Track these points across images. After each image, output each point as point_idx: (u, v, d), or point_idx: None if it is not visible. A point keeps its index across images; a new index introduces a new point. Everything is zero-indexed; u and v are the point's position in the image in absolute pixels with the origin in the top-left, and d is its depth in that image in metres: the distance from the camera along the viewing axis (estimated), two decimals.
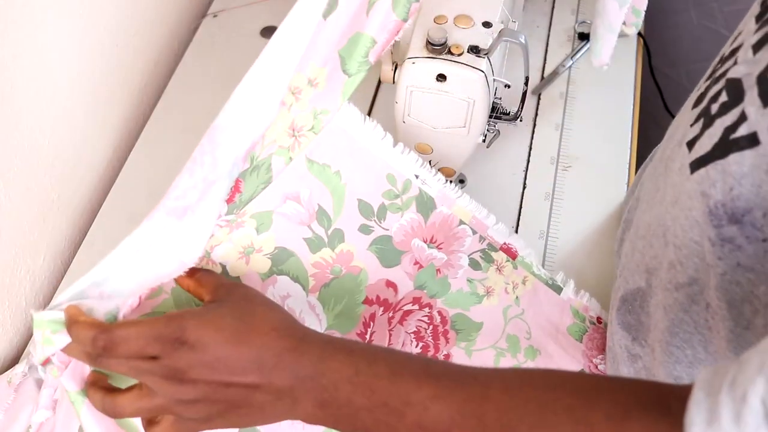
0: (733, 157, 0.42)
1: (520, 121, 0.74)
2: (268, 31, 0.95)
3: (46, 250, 0.76)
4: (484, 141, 0.75)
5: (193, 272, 0.54)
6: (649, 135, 0.81)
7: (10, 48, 0.65)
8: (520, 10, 0.86)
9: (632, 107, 0.88)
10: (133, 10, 0.84)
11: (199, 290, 0.53)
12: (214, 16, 0.97)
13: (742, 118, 0.42)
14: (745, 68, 0.43)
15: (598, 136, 0.85)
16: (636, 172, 0.82)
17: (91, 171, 0.83)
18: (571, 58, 0.91)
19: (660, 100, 1.06)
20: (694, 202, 0.46)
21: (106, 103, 0.83)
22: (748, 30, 0.45)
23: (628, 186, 0.81)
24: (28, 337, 0.73)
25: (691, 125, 0.48)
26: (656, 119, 1.05)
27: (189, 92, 0.90)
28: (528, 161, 0.83)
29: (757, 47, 0.43)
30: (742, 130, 0.42)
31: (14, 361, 0.71)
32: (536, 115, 0.87)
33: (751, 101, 0.41)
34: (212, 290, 0.51)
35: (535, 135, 0.85)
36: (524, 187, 0.81)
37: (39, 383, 0.65)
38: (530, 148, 0.84)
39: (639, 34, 0.94)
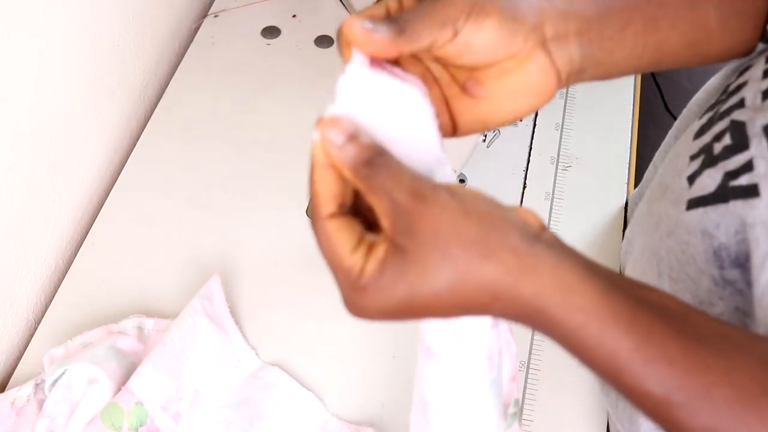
0: (735, 204, 0.42)
1: (520, 120, 0.74)
2: (268, 31, 0.95)
3: (47, 250, 0.76)
4: (484, 141, 0.75)
5: (360, 165, 0.34)
6: (649, 135, 0.81)
7: (11, 48, 0.65)
8: None
9: (632, 107, 0.88)
10: (133, 10, 0.84)
11: (371, 201, 0.35)
12: (215, 16, 0.97)
13: (748, 167, 0.42)
14: (752, 113, 0.43)
15: (598, 136, 0.85)
16: (636, 173, 0.83)
17: (92, 171, 0.83)
18: None
19: (660, 100, 1.06)
20: (692, 238, 0.46)
21: (107, 103, 0.83)
22: (757, 68, 0.45)
23: (628, 186, 0.81)
24: (30, 336, 0.73)
25: (692, 157, 0.48)
26: (656, 119, 1.05)
27: (190, 92, 0.90)
28: (528, 161, 0.83)
29: (767, 95, 0.42)
30: (744, 180, 0.42)
31: (16, 361, 0.71)
32: (536, 115, 0.87)
33: (762, 154, 0.41)
34: (389, 216, 0.34)
35: (535, 135, 0.86)
36: (524, 187, 0.81)
37: (42, 406, 0.64)
38: (530, 148, 0.84)
39: None
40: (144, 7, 0.86)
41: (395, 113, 0.37)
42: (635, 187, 0.79)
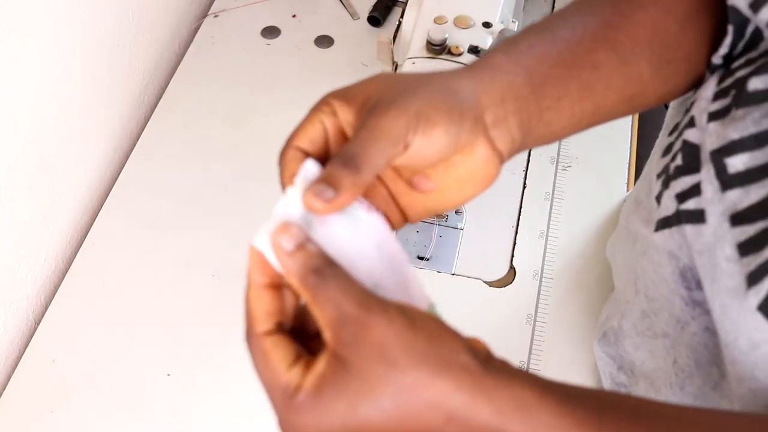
0: (686, 228, 0.42)
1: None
2: (268, 31, 0.95)
3: (47, 250, 0.76)
4: None
5: (308, 273, 0.34)
6: (649, 135, 0.81)
7: (12, 48, 0.65)
8: (520, 10, 0.86)
9: None
10: (134, 10, 0.84)
11: (315, 312, 0.34)
12: (215, 16, 0.97)
13: (696, 190, 0.41)
14: (699, 135, 0.42)
15: (598, 136, 0.85)
16: (636, 173, 0.83)
17: (92, 171, 0.83)
18: None
19: None
20: (661, 259, 0.46)
21: (107, 103, 0.84)
22: (707, 88, 0.44)
23: (627, 186, 0.81)
24: (30, 336, 0.73)
25: (657, 176, 0.47)
26: (656, 119, 1.05)
27: (190, 92, 0.90)
28: (528, 161, 0.83)
29: (712, 117, 0.42)
30: (691, 204, 0.41)
31: (16, 361, 0.72)
32: None
33: (710, 179, 0.40)
34: (333, 326, 0.33)
35: None
36: (524, 187, 0.81)
37: None
38: (530, 148, 0.84)
39: None
40: (144, 8, 0.86)
41: (338, 232, 0.36)
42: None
